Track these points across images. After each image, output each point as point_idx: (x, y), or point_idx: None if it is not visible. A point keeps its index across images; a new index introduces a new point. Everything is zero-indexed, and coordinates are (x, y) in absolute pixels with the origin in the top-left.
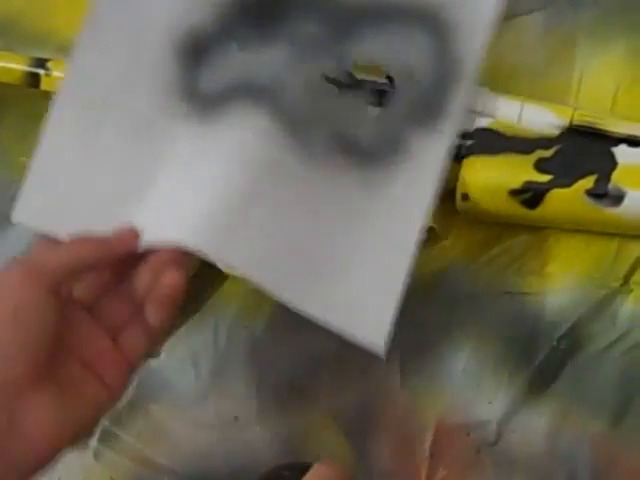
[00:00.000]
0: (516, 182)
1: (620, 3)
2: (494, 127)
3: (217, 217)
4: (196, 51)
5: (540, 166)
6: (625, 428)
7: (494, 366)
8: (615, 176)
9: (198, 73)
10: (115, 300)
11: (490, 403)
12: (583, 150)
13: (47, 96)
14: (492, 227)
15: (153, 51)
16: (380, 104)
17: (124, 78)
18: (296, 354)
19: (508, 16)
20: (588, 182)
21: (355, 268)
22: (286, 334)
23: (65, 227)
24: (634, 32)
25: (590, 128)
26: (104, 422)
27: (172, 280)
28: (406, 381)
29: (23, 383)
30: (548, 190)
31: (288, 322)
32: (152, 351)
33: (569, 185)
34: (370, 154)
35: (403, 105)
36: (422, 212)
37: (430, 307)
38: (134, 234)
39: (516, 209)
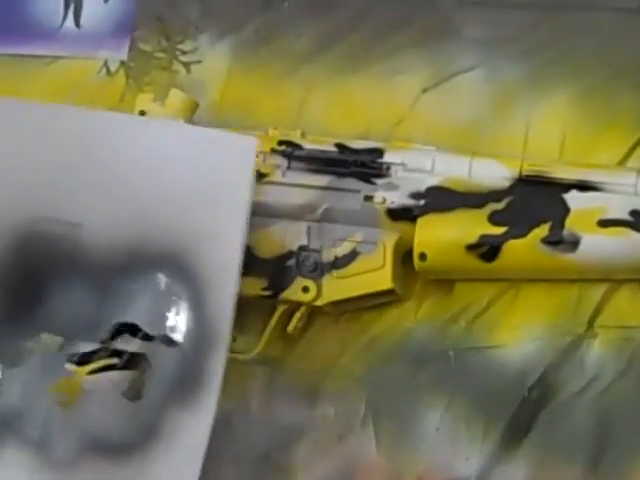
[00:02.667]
0: (472, 237)
1: (558, 53)
2: (445, 184)
3: None
4: None
5: (494, 219)
6: (602, 471)
7: (467, 422)
8: (569, 222)
9: None
10: None
11: (467, 459)
12: (535, 199)
13: None
14: (453, 284)
15: None
16: (134, 397)
17: None
18: (270, 428)
19: (448, 75)
20: (542, 230)
21: None
22: (259, 408)
23: None
24: (575, 78)
25: (540, 177)
26: None
27: None
28: (381, 445)
29: None
30: (504, 242)
31: (261, 397)
32: None
33: (524, 235)
34: (123, 448)
35: (160, 385)
36: None
37: (398, 369)
38: None
39: (474, 264)
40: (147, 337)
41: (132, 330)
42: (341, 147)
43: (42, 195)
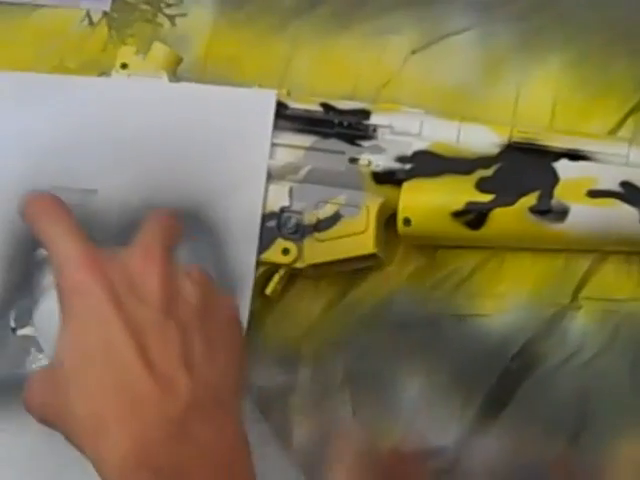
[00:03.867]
0: (458, 203)
1: (551, 17)
2: (432, 149)
3: None
4: None
5: (481, 186)
6: (582, 446)
7: (447, 391)
8: (558, 191)
9: None
10: None
11: (445, 429)
12: (524, 167)
13: None
14: (437, 250)
15: None
16: None
17: None
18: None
19: (439, 36)
20: (531, 199)
21: None
22: None
23: None
24: (568, 44)
25: (530, 144)
26: None
27: None
28: (358, 411)
29: None
30: (491, 210)
31: None
32: None
33: (512, 203)
34: None
35: None
36: None
37: (378, 334)
38: None
39: (460, 231)
40: None
41: None
42: (327, 107)
43: (55, 164)
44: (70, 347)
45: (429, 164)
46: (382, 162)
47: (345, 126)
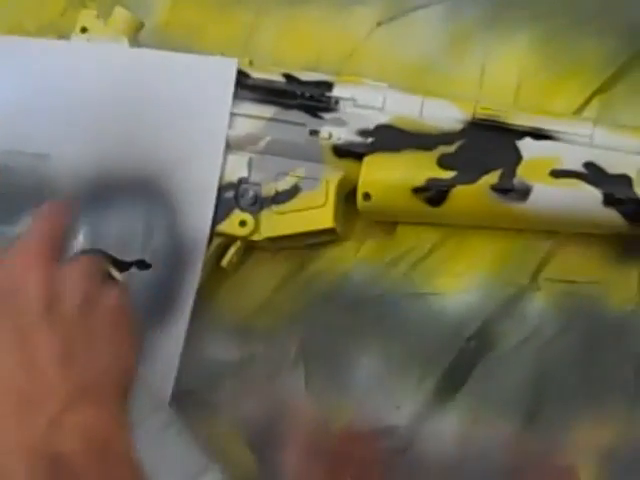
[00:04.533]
0: (419, 179)
1: None
2: (395, 123)
3: None
4: None
5: (443, 162)
6: (537, 428)
7: (401, 370)
8: (520, 170)
9: None
10: None
11: (398, 408)
12: (487, 145)
13: None
14: (396, 226)
15: None
16: None
17: None
18: (197, 363)
19: (406, 9)
20: (493, 177)
21: None
22: (187, 342)
23: None
24: (536, 23)
25: (493, 122)
26: None
27: None
28: (311, 387)
29: None
30: (452, 187)
31: (190, 331)
32: None
33: (473, 181)
34: None
35: (136, 309)
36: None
37: (333, 310)
38: None
39: (420, 207)
40: (122, 265)
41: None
42: (289, 78)
43: (8, 127)
44: None
45: (391, 139)
46: (343, 135)
47: (307, 97)
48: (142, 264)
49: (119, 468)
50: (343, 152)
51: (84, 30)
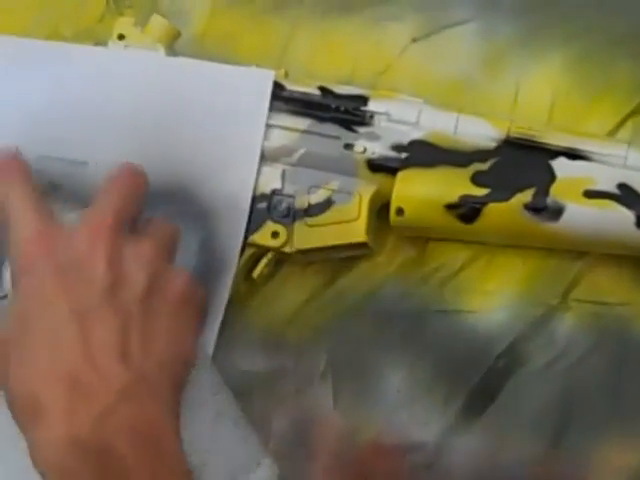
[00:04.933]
0: (452, 196)
1: (555, 14)
2: (429, 139)
3: None
4: None
5: (477, 179)
6: (564, 448)
7: (430, 386)
8: (554, 190)
9: None
10: None
11: (426, 425)
12: (521, 163)
13: None
14: (427, 243)
15: None
16: None
17: None
18: (226, 375)
19: (440, 26)
20: (526, 196)
21: None
22: (216, 353)
23: None
24: (570, 43)
25: (528, 140)
26: None
27: None
28: (339, 401)
29: None
30: (485, 204)
31: (219, 342)
32: None
33: (507, 199)
34: None
35: None
36: None
37: (363, 325)
38: None
39: (452, 224)
40: None
41: None
42: (325, 91)
43: (46, 134)
44: (14, 325)
45: (425, 154)
46: (378, 149)
47: (342, 111)
48: None
49: (169, 467)
50: (377, 166)
51: (121, 37)
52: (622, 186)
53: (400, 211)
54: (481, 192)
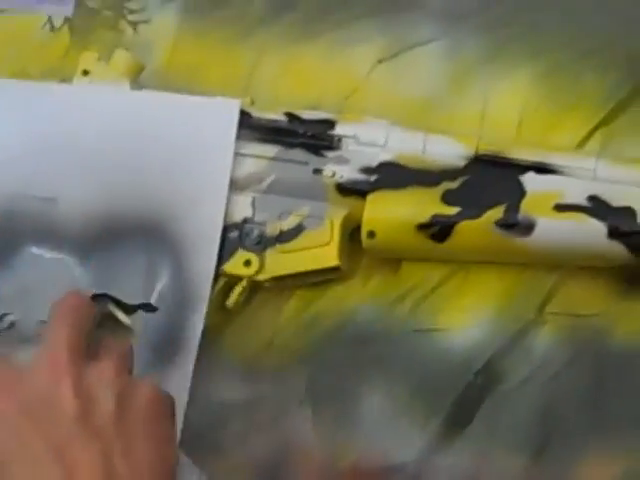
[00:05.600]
0: (423, 216)
1: (521, 29)
2: (398, 160)
3: None
4: None
5: (447, 198)
6: (546, 463)
7: (409, 406)
8: (524, 205)
9: None
10: None
11: (406, 445)
12: (490, 180)
13: None
14: (401, 264)
15: None
16: None
17: None
18: (203, 404)
19: (406, 46)
20: (497, 212)
21: None
22: (194, 383)
23: None
24: (537, 57)
25: (496, 157)
26: None
27: None
28: (318, 425)
29: None
30: (457, 223)
31: (195, 370)
32: None
33: (478, 216)
34: None
35: (144, 351)
36: None
37: (339, 348)
38: None
39: (425, 244)
40: (128, 308)
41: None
42: (291, 116)
43: (14, 171)
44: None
45: (394, 176)
46: (346, 173)
47: (309, 136)
48: (148, 307)
49: None
50: (347, 190)
51: (86, 73)
52: (592, 198)
53: (371, 234)
54: (452, 211)
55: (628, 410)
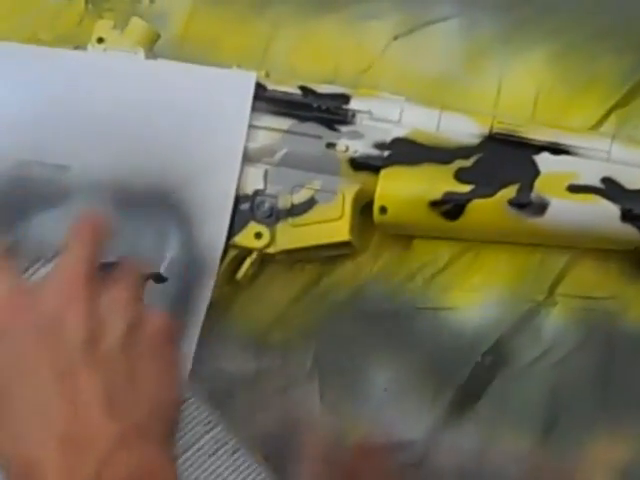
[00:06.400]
0: (436, 193)
1: (537, 9)
2: (412, 137)
3: None
4: None
5: (460, 176)
6: (553, 444)
7: (417, 384)
8: (538, 185)
9: None
10: None
11: (414, 422)
12: (504, 159)
13: None
14: (412, 240)
15: None
16: None
17: None
18: (212, 376)
19: (422, 23)
20: (510, 192)
21: None
22: (201, 354)
23: None
24: (553, 37)
25: (511, 136)
26: None
27: None
28: (326, 400)
29: None
30: (469, 201)
31: (203, 342)
32: None
33: (491, 195)
34: None
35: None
36: None
37: (349, 324)
38: None
39: (436, 221)
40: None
41: None
42: (306, 90)
43: (27, 137)
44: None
45: (408, 152)
46: (360, 148)
47: (324, 110)
48: (158, 277)
49: None
50: (360, 165)
51: (100, 40)
52: (606, 180)
53: (383, 209)
54: (465, 189)
55: (637, 393)
